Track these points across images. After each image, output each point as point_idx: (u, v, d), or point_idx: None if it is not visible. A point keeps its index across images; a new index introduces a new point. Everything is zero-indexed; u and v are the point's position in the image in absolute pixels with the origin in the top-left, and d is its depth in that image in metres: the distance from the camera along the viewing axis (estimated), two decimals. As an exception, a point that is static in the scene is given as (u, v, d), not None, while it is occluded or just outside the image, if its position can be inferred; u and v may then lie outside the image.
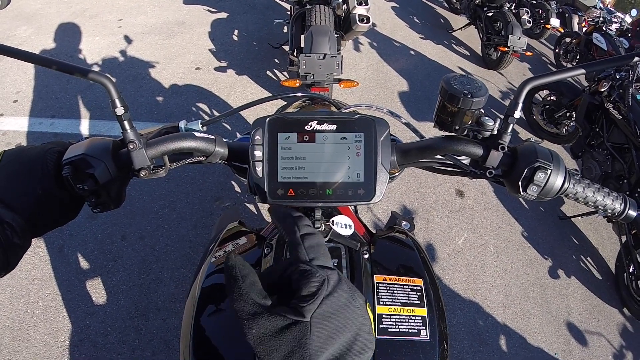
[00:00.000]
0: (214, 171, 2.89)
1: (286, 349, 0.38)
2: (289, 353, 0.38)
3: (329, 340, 0.39)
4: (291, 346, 0.38)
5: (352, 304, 0.43)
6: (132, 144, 0.60)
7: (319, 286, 0.41)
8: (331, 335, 0.40)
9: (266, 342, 0.39)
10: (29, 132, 3.06)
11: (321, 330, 0.39)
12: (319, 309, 0.40)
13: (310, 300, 0.40)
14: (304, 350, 0.38)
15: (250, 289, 0.42)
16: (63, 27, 4.42)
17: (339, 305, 0.42)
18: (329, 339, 0.39)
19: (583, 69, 0.64)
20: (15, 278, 2.17)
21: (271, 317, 0.39)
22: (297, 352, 0.38)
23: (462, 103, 0.63)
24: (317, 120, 0.63)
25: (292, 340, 0.38)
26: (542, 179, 0.62)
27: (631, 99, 2.84)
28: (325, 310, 0.40)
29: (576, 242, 3.15)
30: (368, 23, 3.05)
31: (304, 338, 0.38)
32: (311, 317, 0.39)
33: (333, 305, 0.41)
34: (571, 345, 2.46)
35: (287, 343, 0.38)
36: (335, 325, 0.40)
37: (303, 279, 0.42)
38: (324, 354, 0.39)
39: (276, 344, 0.38)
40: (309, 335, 0.38)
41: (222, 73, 4.00)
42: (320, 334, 0.39)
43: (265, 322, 0.39)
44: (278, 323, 0.39)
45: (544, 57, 6.56)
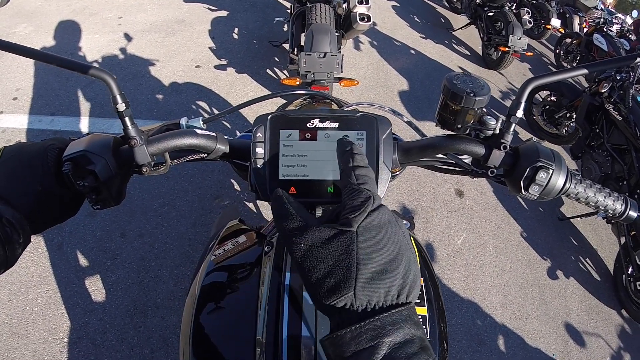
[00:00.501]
0: (213, 169, 2.88)
1: (333, 257, 0.39)
2: (336, 262, 0.39)
3: (375, 251, 0.40)
4: (338, 254, 0.39)
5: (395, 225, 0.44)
6: (133, 140, 0.60)
7: (365, 201, 0.43)
8: (377, 246, 0.40)
9: (313, 254, 0.40)
10: (28, 130, 3.05)
11: (367, 240, 0.40)
12: (365, 221, 0.41)
13: (357, 212, 0.42)
14: (351, 257, 0.39)
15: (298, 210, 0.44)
16: (63, 24, 4.41)
17: (383, 221, 0.43)
18: (375, 250, 0.40)
19: (585, 69, 0.64)
20: (14, 275, 2.17)
21: (319, 229, 0.41)
22: (344, 260, 0.39)
23: (464, 102, 0.63)
24: (319, 118, 0.63)
25: (340, 249, 0.39)
26: (544, 178, 0.62)
27: (631, 100, 2.84)
28: (371, 224, 0.41)
29: (575, 243, 3.16)
30: (368, 22, 3.05)
31: (351, 245, 0.39)
32: (358, 228, 0.41)
33: (377, 221, 0.42)
34: (569, 346, 2.46)
35: (334, 251, 0.39)
36: (380, 238, 0.41)
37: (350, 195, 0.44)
38: (370, 263, 0.39)
39: (323, 253, 0.39)
40: (356, 243, 0.39)
41: (222, 71, 3.99)
42: (366, 244, 0.40)
43: (313, 234, 0.41)
44: (326, 233, 0.40)
45: (544, 58, 6.57)
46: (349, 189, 0.45)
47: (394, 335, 0.37)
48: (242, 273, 0.83)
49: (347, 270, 0.38)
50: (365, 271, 0.38)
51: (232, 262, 0.85)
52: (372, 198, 0.44)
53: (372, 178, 0.48)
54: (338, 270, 0.39)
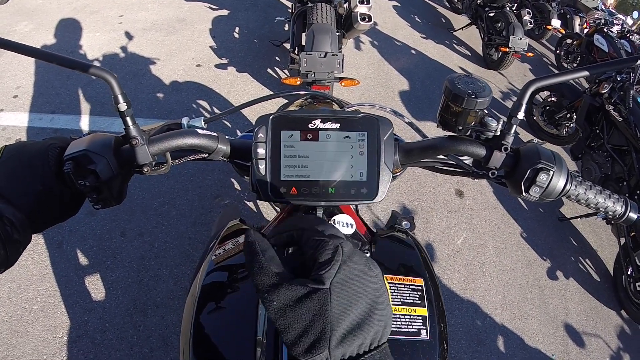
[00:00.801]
0: (213, 168, 2.88)
1: (307, 317, 0.38)
2: (311, 321, 0.38)
3: (349, 307, 0.40)
4: (312, 314, 0.38)
5: (369, 272, 0.43)
6: (135, 140, 0.60)
7: (333, 253, 0.42)
8: (351, 301, 0.40)
9: (287, 312, 0.39)
10: (29, 128, 3.05)
11: (341, 296, 0.40)
12: (337, 275, 0.41)
13: (328, 267, 0.41)
14: (325, 317, 0.38)
15: (269, 262, 0.43)
16: (64, 22, 4.41)
17: (356, 272, 0.42)
18: (349, 306, 0.40)
19: (587, 71, 0.64)
20: (14, 273, 2.17)
21: (291, 287, 0.40)
22: (319, 320, 0.38)
23: (466, 103, 0.63)
24: (320, 118, 0.63)
25: (313, 308, 0.39)
26: (544, 180, 0.62)
27: (632, 101, 2.84)
28: (343, 277, 0.41)
29: (575, 243, 3.16)
30: (369, 22, 3.05)
31: (324, 305, 0.39)
32: (330, 284, 0.40)
33: (350, 272, 0.42)
34: (569, 347, 2.46)
35: (308, 311, 0.39)
36: (354, 291, 0.41)
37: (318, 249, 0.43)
38: (345, 320, 0.39)
39: (297, 313, 0.39)
40: (330, 302, 0.39)
41: (222, 70, 3.99)
42: (340, 300, 0.39)
43: (285, 292, 0.39)
44: (298, 292, 0.39)
45: (544, 58, 6.57)
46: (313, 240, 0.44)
47: None
48: (242, 273, 0.83)
49: (322, 331, 0.38)
50: (339, 330, 0.38)
51: (233, 262, 0.85)
52: (340, 247, 0.43)
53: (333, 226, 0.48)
54: (312, 330, 0.38)
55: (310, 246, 0.44)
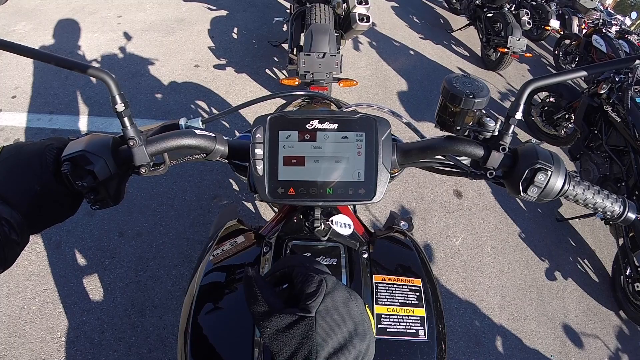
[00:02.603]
0: (211, 169, 2.88)
1: (296, 341, 0.44)
2: (299, 345, 0.44)
3: (332, 332, 0.45)
4: (300, 339, 0.44)
5: (350, 302, 0.49)
6: (132, 140, 0.60)
7: (318, 285, 0.48)
8: (334, 327, 0.46)
9: (279, 337, 0.45)
10: (27, 128, 3.05)
11: (325, 323, 0.45)
12: (321, 305, 0.46)
13: (314, 298, 0.46)
14: (311, 341, 0.44)
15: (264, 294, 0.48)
16: (62, 23, 4.41)
17: (339, 302, 0.48)
18: (332, 331, 0.45)
19: (585, 71, 0.64)
20: (12, 274, 2.16)
21: (282, 315, 0.45)
22: (305, 344, 0.44)
23: (464, 103, 0.63)
24: (318, 119, 0.63)
25: (301, 334, 0.44)
26: (542, 180, 0.62)
27: (630, 101, 2.84)
28: (327, 307, 0.47)
29: (573, 244, 3.16)
30: (368, 22, 3.05)
31: (310, 330, 0.44)
32: (316, 313, 0.45)
33: (334, 302, 0.47)
34: (567, 347, 2.46)
35: (296, 336, 0.44)
36: (337, 319, 0.46)
37: (305, 281, 0.49)
38: (329, 343, 0.44)
39: (287, 338, 0.44)
40: (315, 328, 0.45)
41: (221, 71, 3.99)
42: (324, 327, 0.45)
43: (277, 320, 0.45)
44: (287, 319, 0.45)
45: (543, 59, 6.58)
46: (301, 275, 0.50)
47: None
48: (240, 273, 0.82)
49: (308, 353, 0.44)
50: (324, 352, 0.44)
51: (231, 263, 0.85)
52: (324, 281, 0.49)
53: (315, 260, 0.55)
54: (300, 352, 0.44)
55: (299, 280, 0.50)
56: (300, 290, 0.49)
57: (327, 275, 0.50)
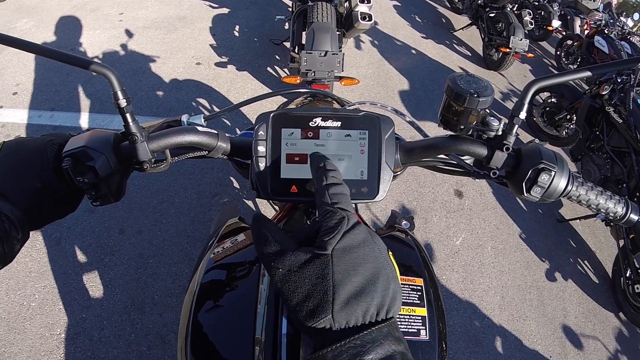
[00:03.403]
0: (212, 166, 2.88)
1: (310, 282, 0.41)
2: (313, 286, 0.40)
3: (351, 273, 0.41)
4: (314, 279, 0.41)
5: (372, 244, 0.45)
6: (134, 137, 0.59)
7: (338, 222, 0.44)
8: (352, 268, 0.41)
9: (291, 278, 0.41)
10: (28, 125, 3.04)
11: (342, 263, 0.41)
12: (339, 243, 0.42)
13: (331, 234, 0.43)
14: (327, 281, 0.40)
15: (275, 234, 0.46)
16: (64, 20, 4.40)
17: (359, 241, 0.44)
18: (351, 271, 0.41)
19: (589, 72, 0.64)
20: (12, 270, 2.16)
21: (295, 253, 0.42)
22: (320, 284, 0.40)
23: (468, 102, 0.62)
24: (321, 116, 0.63)
25: (315, 273, 0.41)
26: (546, 180, 0.62)
27: (632, 102, 2.84)
28: (346, 245, 0.43)
29: (574, 245, 3.16)
30: (370, 21, 3.05)
31: (326, 269, 0.41)
32: (332, 250, 0.42)
33: (352, 241, 0.43)
34: (567, 348, 2.46)
35: (310, 276, 0.41)
36: (355, 259, 0.42)
37: (325, 217, 0.45)
38: (347, 285, 0.40)
39: (300, 278, 0.41)
40: (331, 266, 0.41)
41: (222, 68, 3.99)
42: (341, 266, 0.41)
43: (290, 258, 0.42)
44: (301, 258, 0.42)
45: (545, 59, 6.57)
46: (323, 209, 0.46)
47: (374, 353, 0.37)
48: (241, 271, 0.82)
49: (324, 294, 0.40)
50: (341, 294, 0.40)
51: (232, 261, 0.85)
52: (346, 218, 0.45)
53: (346, 195, 0.49)
54: (315, 294, 0.40)
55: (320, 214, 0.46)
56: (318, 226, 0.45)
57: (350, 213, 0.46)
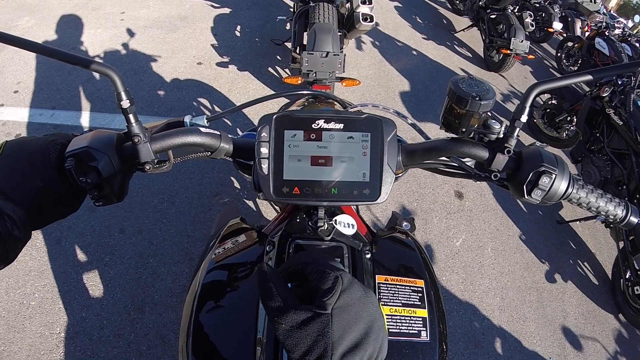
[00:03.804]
0: (213, 166, 2.88)
1: (311, 338, 0.44)
2: (314, 342, 0.43)
3: (348, 330, 0.45)
4: (315, 336, 0.44)
5: (366, 299, 0.48)
6: (137, 137, 0.59)
7: (334, 282, 0.47)
8: (349, 325, 0.45)
9: (294, 334, 0.44)
10: (29, 123, 3.04)
11: (341, 320, 0.45)
12: (337, 302, 0.46)
13: (330, 294, 0.46)
14: (327, 338, 0.43)
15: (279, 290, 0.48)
16: (65, 18, 4.41)
17: (355, 299, 0.47)
18: (348, 328, 0.45)
19: (590, 75, 0.64)
20: (12, 269, 2.17)
21: (297, 312, 0.45)
22: (321, 341, 0.43)
23: (470, 105, 0.63)
24: (324, 118, 0.63)
25: (316, 331, 0.44)
26: (546, 183, 0.62)
27: (632, 105, 2.84)
28: (343, 304, 0.46)
29: (573, 246, 3.16)
30: (371, 22, 3.05)
31: (326, 328, 0.44)
32: (332, 310, 0.45)
33: (349, 299, 0.47)
34: (566, 350, 2.46)
35: (312, 333, 0.44)
36: (352, 316, 0.46)
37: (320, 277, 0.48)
38: (344, 341, 0.44)
39: (302, 334, 0.44)
40: (331, 325, 0.44)
41: (224, 68, 3.99)
42: (340, 324, 0.45)
43: (292, 317, 0.45)
44: (303, 316, 0.45)
45: (545, 61, 6.57)
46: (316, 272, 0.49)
47: None
48: (242, 272, 0.82)
49: (324, 350, 0.43)
50: (339, 350, 0.43)
51: (233, 261, 0.85)
52: (340, 278, 0.48)
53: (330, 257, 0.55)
54: (315, 350, 0.43)
55: (314, 277, 0.49)
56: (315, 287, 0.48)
57: (342, 272, 0.50)
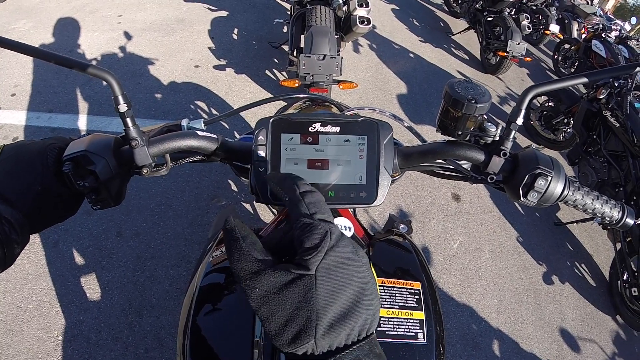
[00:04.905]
0: (210, 169, 2.88)
1: (291, 305, 0.37)
2: (295, 310, 0.37)
3: (336, 295, 0.38)
4: (297, 302, 0.37)
5: (356, 259, 0.41)
6: (135, 141, 0.59)
7: (322, 238, 0.40)
8: (337, 289, 0.38)
9: (270, 300, 0.37)
10: (26, 126, 3.04)
11: (327, 283, 0.38)
12: (323, 261, 0.38)
13: (314, 252, 0.38)
14: (310, 305, 0.36)
15: (251, 247, 0.40)
16: (62, 21, 4.40)
17: (343, 258, 0.40)
18: (336, 293, 0.38)
19: (586, 78, 0.64)
20: (10, 272, 2.16)
21: (274, 273, 0.38)
22: (303, 308, 0.36)
23: (465, 108, 0.63)
24: (320, 122, 0.63)
25: (298, 296, 0.37)
26: (542, 185, 0.62)
27: (629, 106, 2.85)
28: (330, 263, 0.39)
29: (571, 248, 3.17)
30: (368, 25, 3.05)
31: (309, 292, 0.37)
32: (316, 270, 0.38)
33: (337, 259, 0.39)
34: (564, 352, 2.46)
35: (292, 299, 0.37)
36: (340, 278, 0.39)
37: (305, 232, 0.40)
38: (331, 308, 0.37)
39: (281, 301, 0.37)
40: (315, 289, 0.37)
41: (221, 71, 3.99)
42: (326, 288, 0.37)
43: (268, 279, 0.37)
44: (282, 278, 0.37)
45: (542, 63, 6.59)
46: (302, 222, 0.42)
47: None
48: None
49: (307, 319, 0.36)
50: (325, 319, 0.36)
51: None
52: (329, 232, 0.40)
53: (323, 202, 0.45)
54: (297, 319, 0.36)
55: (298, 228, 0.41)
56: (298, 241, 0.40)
57: (332, 226, 0.42)
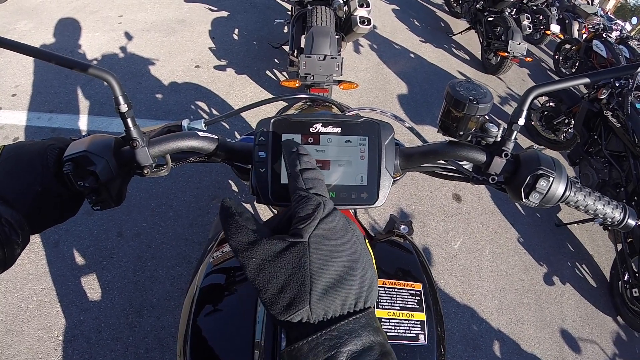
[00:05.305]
0: (211, 170, 2.88)
1: (286, 271, 0.39)
2: (290, 275, 0.38)
3: (329, 260, 0.40)
4: (291, 268, 0.39)
5: (349, 230, 0.43)
6: (135, 142, 0.59)
7: (314, 208, 0.42)
8: (330, 255, 0.40)
9: (266, 268, 0.39)
10: (27, 127, 3.04)
11: (320, 251, 0.40)
12: (316, 230, 0.41)
13: (307, 221, 0.41)
14: (304, 270, 0.38)
15: (247, 222, 0.43)
16: (63, 22, 4.41)
17: (336, 228, 0.42)
18: (329, 259, 0.40)
19: (587, 78, 0.64)
20: (10, 272, 2.15)
21: (269, 242, 0.40)
22: (297, 274, 0.38)
23: (467, 109, 0.63)
24: (321, 122, 0.63)
25: (292, 262, 0.39)
26: (544, 186, 0.62)
27: (630, 107, 2.85)
28: (323, 232, 0.41)
29: (572, 249, 3.16)
30: (369, 25, 3.05)
31: (303, 258, 0.39)
32: (309, 238, 0.40)
33: (330, 228, 0.42)
34: (564, 352, 2.46)
35: (286, 265, 0.39)
36: (333, 247, 0.41)
37: (299, 203, 0.43)
38: (325, 273, 0.39)
39: (276, 267, 0.39)
40: (308, 255, 0.39)
41: (221, 72, 3.99)
42: (319, 254, 0.40)
43: (264, 247, 0.40)
44: (277, 246, 0.40)
45: (543, 63, 6.59)
46: (297, 195, 0.45)
47: (352, 344, 0.37)
48: (240, 275, 0.82)
49: (301, 284, 0.38)
50: (319, 284, 0.38)
51: (231, 265, 0.85)
52: (322, 204, 0.43)
53: (321, 180, 0.48)
54: (291, 285, 0.38)
55: (294, 200, 0.44)
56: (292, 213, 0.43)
57: (325, 199, 0.45)
